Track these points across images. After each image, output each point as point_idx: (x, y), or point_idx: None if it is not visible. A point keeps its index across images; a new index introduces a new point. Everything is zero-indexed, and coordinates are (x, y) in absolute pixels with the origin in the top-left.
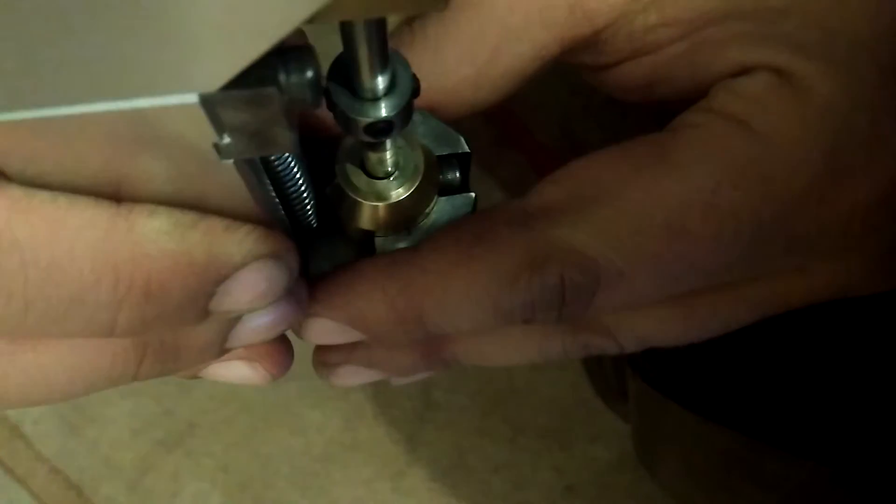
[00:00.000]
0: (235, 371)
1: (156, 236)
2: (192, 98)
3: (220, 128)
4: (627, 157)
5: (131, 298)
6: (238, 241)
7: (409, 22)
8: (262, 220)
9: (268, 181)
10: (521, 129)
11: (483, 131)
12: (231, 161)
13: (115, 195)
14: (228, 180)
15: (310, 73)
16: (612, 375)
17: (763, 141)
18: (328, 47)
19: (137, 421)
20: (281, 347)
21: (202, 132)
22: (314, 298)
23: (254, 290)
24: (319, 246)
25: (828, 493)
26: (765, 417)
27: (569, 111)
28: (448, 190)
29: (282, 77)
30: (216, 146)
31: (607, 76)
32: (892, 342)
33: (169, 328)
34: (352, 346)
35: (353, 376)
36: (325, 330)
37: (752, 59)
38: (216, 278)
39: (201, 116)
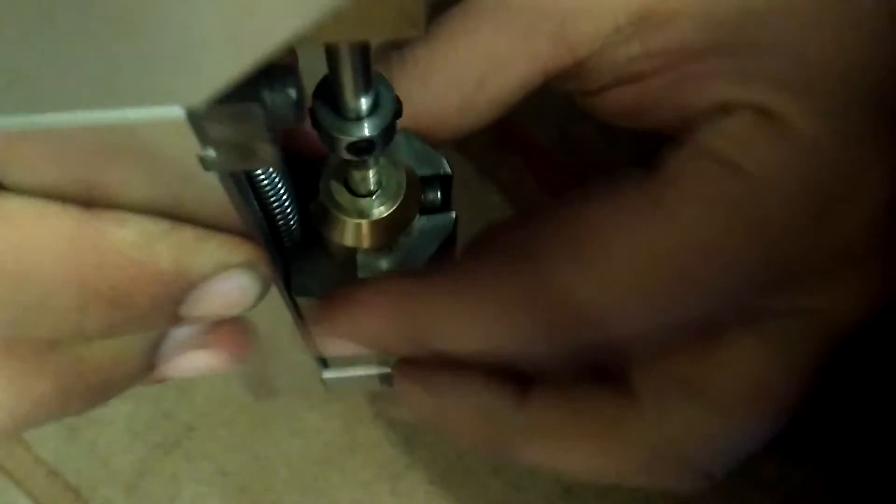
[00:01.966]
0: (195, 362)
1: (123, 246)
2: (178, 111)
3: (204, 141)
4: (621, 203)
5: (97, 305)
6: (209, 252)
7: (399, 48)
8: (241, 230)
9: (251, 194)
10: (520, 132)
11: (481, 135)
12: (215, 173)
13: (86, 200)
14: (211, 191)
15: (292, 93)
16: None
17: (751, 181)
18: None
19: (136, 423)
20: (235, 328)
21: (187, 144)
22: (327, 316)
23: (225, 298)
24: (302, 262)
25: (825, 496)
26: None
27: (567, 114)
28: (430, 210)
29: (266, 95)
30: (200, 158)
31: (594, 102)
32: (889, 347)
33: (140, 330)
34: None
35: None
36: (338, 347)
37: (734, 97)
38: (184, 287)
39: (187, 129)
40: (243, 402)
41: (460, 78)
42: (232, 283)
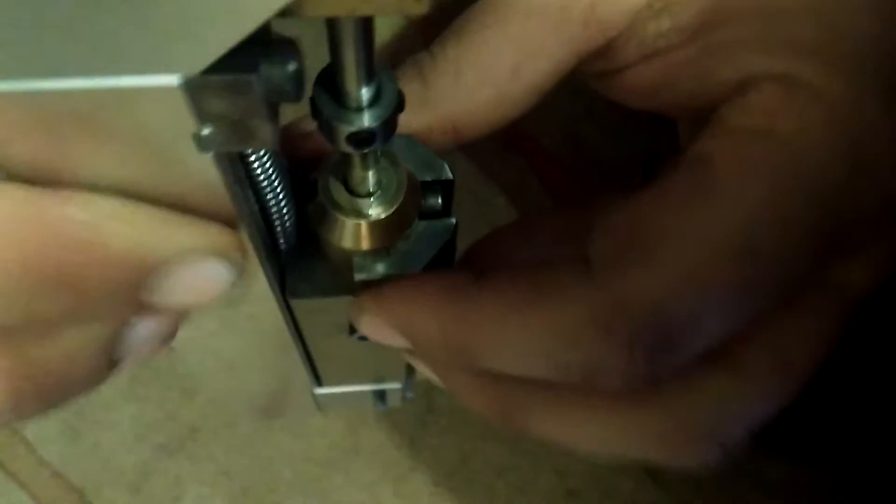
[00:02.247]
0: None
1: (69, 225)
2: (173, 80)
3: (200, 115)
4: (672, 195)
5: (46, 289)
6: (169, 235)
7: (429, 49)
8: (227, 218)
9: (248, 187)
10: (524, 135)
11: (486, 137)
12: (210, 155)
13: (34, 177)
14: (202, 175)
15: (292, 66)
16: None
17: (794, 147)
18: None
19: (139, 425)
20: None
21: (182, 119)
22: (376, 297)
23: (192, 286)
24: (297, 265)
25: (828, 498)
26: (767, 424)
27: (571, 115)
28: (430, 215)
29: (263, 66)
30: (196, 137)
31: (613, 81)
32: (890, 348)
33: (103, 317)
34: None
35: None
36: (377, 329)
37: (756, 69)
38: (143, 272)
39: (181, 101)
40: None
41: (494, 70)
42: (198, 269)
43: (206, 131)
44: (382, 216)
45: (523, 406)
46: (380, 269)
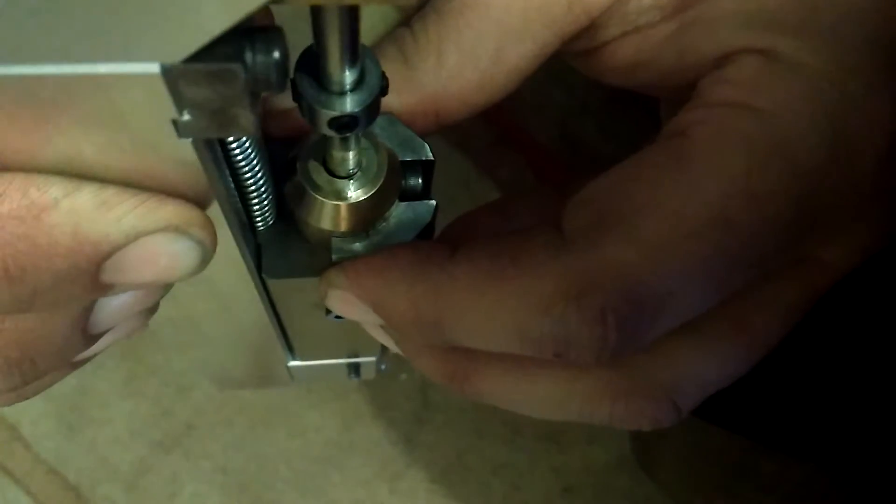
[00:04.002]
0: (120, 332)
1: (8, 223)
2: (153, 68)
3: (180, 103)
4: (648, 167)
5: None
6: (115, 219)
7: (409, 25)
8: (196, 197)
9: (225, 166)
10: (520, 130)
11: (482, 132)
12: (190, 140)
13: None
14: (178, 157)
15: (276, 55)
16: None
17: (772, 120)
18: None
19: (136, 422)
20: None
21: (160, 106)
22: (346, 271)
23: (152, 266)
24: (274, 244)
25: (826, 495)
26: (763, 420)
27: (566, 111)
28: (410, 196)
29: (248, 55)
30: (175, 123)
31: (592, 59)
32: (889, 344)
33: (64, 302)
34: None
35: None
36: (346, 304)
37: (737, 42)
38: (92, 258)
39: (161, 88)
40: (243, 401)
41: (477, 53)
42: (155, 248)
43: (185, 118)
44: (362, 198)
45: (477, 370)
46: (358, 250)
